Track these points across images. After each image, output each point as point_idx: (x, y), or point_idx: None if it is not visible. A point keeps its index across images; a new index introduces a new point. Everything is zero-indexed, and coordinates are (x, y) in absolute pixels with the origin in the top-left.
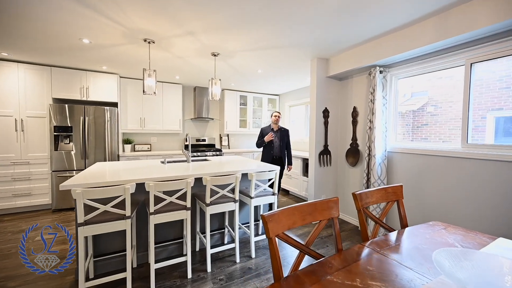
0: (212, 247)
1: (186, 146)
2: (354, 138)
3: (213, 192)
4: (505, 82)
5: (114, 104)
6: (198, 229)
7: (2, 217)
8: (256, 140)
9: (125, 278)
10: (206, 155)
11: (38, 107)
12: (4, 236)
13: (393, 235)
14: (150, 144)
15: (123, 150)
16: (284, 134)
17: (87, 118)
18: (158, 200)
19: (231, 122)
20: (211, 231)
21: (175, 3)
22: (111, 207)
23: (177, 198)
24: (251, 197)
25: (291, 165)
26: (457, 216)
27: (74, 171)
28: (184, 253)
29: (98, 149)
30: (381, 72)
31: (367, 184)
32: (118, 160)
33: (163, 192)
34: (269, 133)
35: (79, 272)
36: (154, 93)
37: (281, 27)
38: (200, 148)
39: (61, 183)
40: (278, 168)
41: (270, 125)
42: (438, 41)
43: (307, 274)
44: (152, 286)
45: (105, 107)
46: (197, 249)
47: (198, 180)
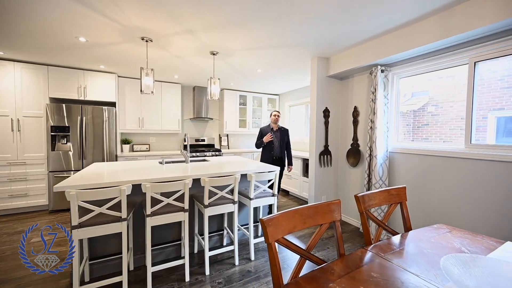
0: (210, 249)
1: (185, 146)
2: (355, 138)
3: (212, 194)
4: (506, 82)
5: (112, 104)
6: (196, 231)
7: None
8: (256, 140)
9: (121, 282)
10: (205, 156)
11: (34, 106)
12: None
13: (397, 239)
14: (149, 144)
15: (122, 150)
16: (284, 133)
17: (84, 118)
18: (155, 201)
19: (231, 122)
20: (210, 233)
21: (173, 0)
22: (107, 209)
23: (174, 199)
24: (250, 199)
25: (292, 165)
26: (460, 218)
27: (71, 172)
28: (182, 255)
29: (96, 149)
30: (382, 71)
31: (368, 185)
32: (116, 160)
33: (161, 194)
34: (268, 133)
35: (73, 275)
36: (152, 92)
37: (281, 26)
38: (199, 148)
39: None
40: (278, 168)
41: (269, 124)
42: (441, 39)
43: (308, 281)
44: None
45: (103, 107)
46: (196, 251)
47: (197, 181)
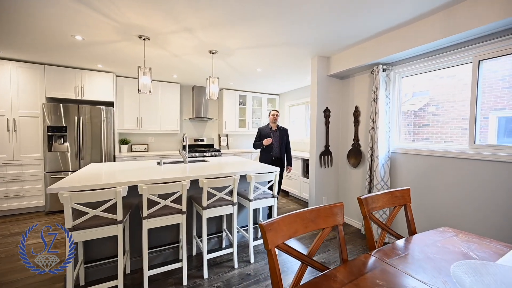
0: (209, 251)
1: (183, 147)
2: (356, 139)
3: (210, 195)
4: (508, 82)
5: (110, 104)
6: (194, 233)
7: None
8: (254, 141)
9: (117, 286)
10: (204, 156)
11: (31, 106)
12: None
13: (402, 243)
14: (148, 145)
15: (120, 151)
16: (283, 133)
17: (82, 118)
18: (152, 203)
19: (230, 122)
20: (208, 235)
21: None
22: (102, 211)
23: (172, 201)
24: (249, 200)
25: (291, 166)
26: (464, 220)
27: (69, 172)
28: (180, 258)
29: (93, 149)
30: (384, 70)
31: (370, 186)
32: (114, 160)
33: (158, 195)
34: (267, 133)
35: (67, 279)
36: (150, 91)
37: (281, 24)
38: (198, 148)
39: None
40: (278, 169)
41: (268, 124)
42: (445, 37)
43: None
44: None
45: (101, 107)
46: (194, 253)
47: (195, 182)
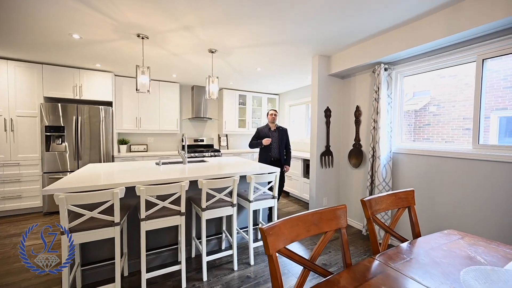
0: (208, 253)
1: (183, 147)
2: (357, 139)
3: (210, 196)
4: (509, 81)
5: (109, 104)
6: (194, 235)
7: None
8: (250, 140)
9: None
10: (203, 156)
11: (28, 106)
12: None
13: (406, 247)
14: (147, 145)
15: (119, 151)
16: (282, 133)
17: (80, 118)
18: (150, 205)
19: (230, 122)
20: (208, 237)
21: None
22: (99, 213)
23: (170, 202)
24: (250, 201)
25: (289, 165)
26: (468, 222)
27: (67, 173)
28: (179, 260)
29: (92, 149)
30: (386, 69)
31: (371, 187)
32: (113, 161)
33: (156, 196)
34: (266, 133)
35: (63, 282)
36: (148, 91)
37: (281, 22)
38: (198, 148)
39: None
40: (279, 170)
41: (267, 124)
42: (449, 35)
43: None
44: None
45: (100, 107)
46: (193, 255)
47: (194, 183)
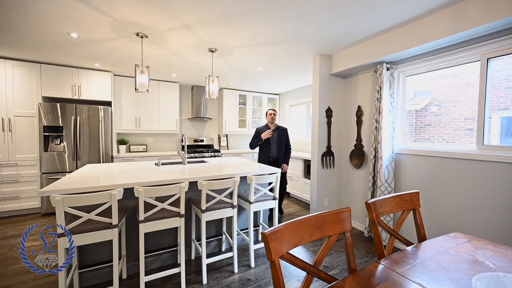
0: (208, 255)
1: (182, 147)
2: (358, 139)
3: (210, 197)
4: (511, 81)
5: (108, 103)
6: (193, 236)
7: None
8: (250, 140)
9: None
10: (203, 156)
11: (27, 106)
12: None
13: (412, 250)
14: (146, 145)
15: (118, 151)
16: (282, 133)
17: (79, 118)
18: (148, 206)
19: (230, 122)
20: (208, 238)
21: None
22: (96, 215)
23: (169, 204)
24: (250, 202)
25: (287, 164)
26: (473, 224)
27: (66, 173)
28: (179, 262)
29: (91, 150)
30: (388, 69)
31: (373, 188)
32: (112, 161)
33: (155, 198)
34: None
35: (59, 285)
36: (147, 90)
37: (282, 21)
38: (198, 149)
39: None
40: (279, 171)
41: (266, 124)
42: (453, 34)
43: None
44: None
45: (99, 106)
46: (193, 257)
47: (194, 184)
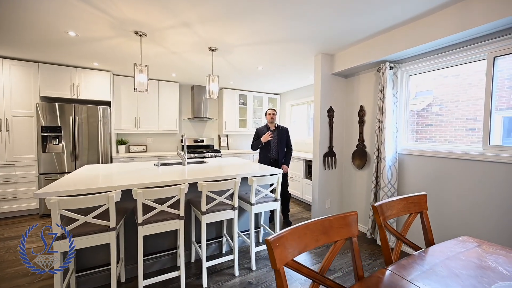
0: (208, 258)
1: (182, 147)
2: (361, 139)
3: (210, 199)
4: None
5: (107, 103)
6: (193, 238)
7: None
8: (252, 141)
9: None
10: (203, 157)
11: (24, 106)
12: None
13: (421, 256)
14: (146, 145)
15: (117, 151)
16: (282, 133)
17: (77, 118)
18: (147, 208)
19: (230, 122)
20: (208, 240)
21: None
22: (93, 217)
23: (169, 206)
24: (251, 204)
25: (287, 166)
26: (480, 226)
27: (64, 174)
28: (178, 264)
29: (90, 150)
30: (391, 68)
31: (376, 189)
32: (111, 162)
33: (154, 200)
34: (265, 133)
35: None
36: (146, 90)
37: (282, 19)
38: (198, 149)
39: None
40: (281, 171)
41: (266, 124)
42: (459, 31)
43: None
44: None
45: (98, 106)
46: (193, 260)
47: (194, 185)
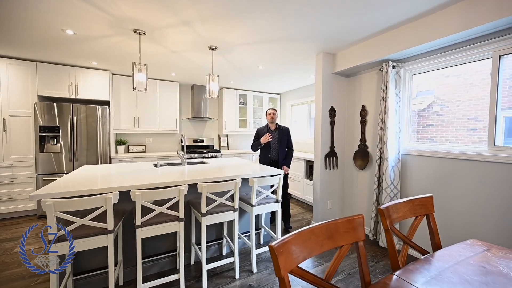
0: (208, 260)
1: (182, 148)
2: (363, 139)
3: (210, 200)
4: None
5: (106, 103)
6: (193, 240)
7: None
8: (252, 142)
9: None
10: (203, 157)
11: (22, 105)
12: None
13: (429, 260)
14: (145, 145)
15: (116, 152)
16: (283, 133)
17: (76, 118)
18: (146, 210)
19: (230, 122)
20: (208, 242)
21: None
22: (90, 220)
23: (168, 208)
24: (252, 205)
25: (288, 166)
26: (489, 230)
27: (63, 174)
28: (178, 267)
29: (89, 150)
30: (394, 67)
31: (378, 190)
32: (110, 162)
33: (153, 202)
34: (265, 134)
35: None
36: (145, 89)
37: (283, 17)
38: (198, 149)
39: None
40: (282, 172)
41: (266, 124)
42: (464, 30)
43: None
44: None
45: (96, 106)
46: (193, 262)
47: (194, 186)
